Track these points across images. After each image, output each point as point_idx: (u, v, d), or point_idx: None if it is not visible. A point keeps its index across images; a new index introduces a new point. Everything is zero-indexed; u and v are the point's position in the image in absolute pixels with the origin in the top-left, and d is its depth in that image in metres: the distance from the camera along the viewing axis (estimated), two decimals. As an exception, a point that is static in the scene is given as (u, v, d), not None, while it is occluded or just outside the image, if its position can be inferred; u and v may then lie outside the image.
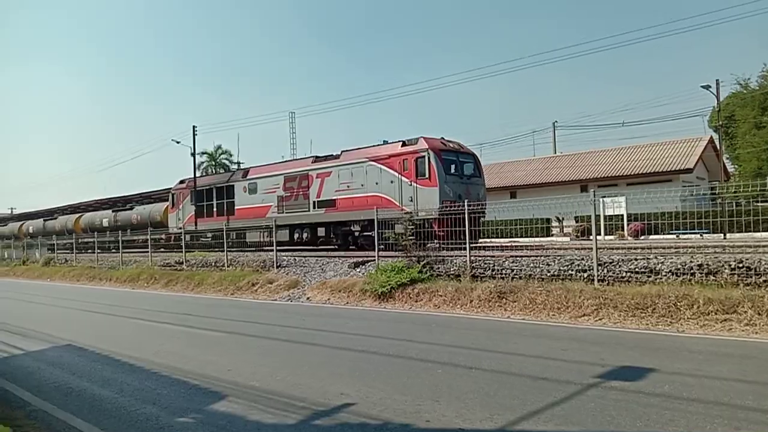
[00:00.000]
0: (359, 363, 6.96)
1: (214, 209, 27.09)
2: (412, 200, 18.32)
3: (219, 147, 57.46)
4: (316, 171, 22.08)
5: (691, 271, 9.70)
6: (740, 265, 9.26)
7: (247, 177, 25.51)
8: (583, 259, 11.37)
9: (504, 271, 12.02)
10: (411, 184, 18.49)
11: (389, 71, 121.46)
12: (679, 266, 9.90)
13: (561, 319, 9.69)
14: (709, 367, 5.95)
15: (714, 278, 9.41)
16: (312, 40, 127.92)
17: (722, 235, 14.66)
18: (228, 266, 19.87)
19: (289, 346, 8.58)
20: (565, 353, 7.00)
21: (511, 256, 12.75)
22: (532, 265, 11.83)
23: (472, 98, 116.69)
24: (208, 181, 28.86)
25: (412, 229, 14.16)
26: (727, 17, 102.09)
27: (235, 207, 25.74)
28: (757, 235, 11.82)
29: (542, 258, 12.05)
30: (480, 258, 12.97)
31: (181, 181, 30.64)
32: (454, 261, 13.21)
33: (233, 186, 26.16)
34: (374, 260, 14.91)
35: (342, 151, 21.76)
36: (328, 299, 13.73)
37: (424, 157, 18.37)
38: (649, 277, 10.19)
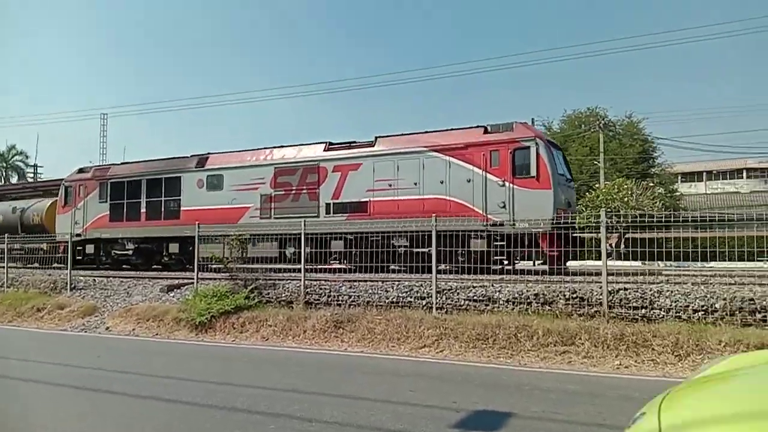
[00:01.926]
0: (172, 422, 5.56)
1: (143, 210, 19.38)
2: (504, 206, 14.01)
3: (13, 147, 49.98)
4: (334, 162, 16.26)
5: (528, 300, 9.78)
6: (574, 296, 9.52)
7: (206, 167, 18.48)
8: (422, 285, 11.03)
9: (341, 298, 11.26)
10: (504, 184, 14.14)
11: (222, 78, 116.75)
12: (516, 295, 9.95)
13: (401, 350, 9.16)
14: (565, 409, 5.66)
15: (550, 308, 9.56)
16: (139, 39, 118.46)
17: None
18: (8, 287, 16.58)
19: (75, 398, 6.78)
20: (414, 395, 6.33)
21: (347, 281, 12.03)
22: (370, 291, 11.23)
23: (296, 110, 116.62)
24: (132, 171, 20.29)
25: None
26: (528, 61, 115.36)
27: (183, 207, 18.50)
28: (589, 263, 12.52)
29: (380, 284, 11.50)
30: (315, 282, 12.06)
31: (81, 170, 21.84)
32: (287, 286, 12.15)
33: (179, 178, 18.84)
34: (192, 283, 13.20)
35: (376, 138, 16.36)
36: (133, 329, 11.79)
37: (527, 148, 14.09)
38: (487, 305, 10.11)
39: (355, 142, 16.67)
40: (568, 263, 13.25)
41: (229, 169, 17.99)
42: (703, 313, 8.67)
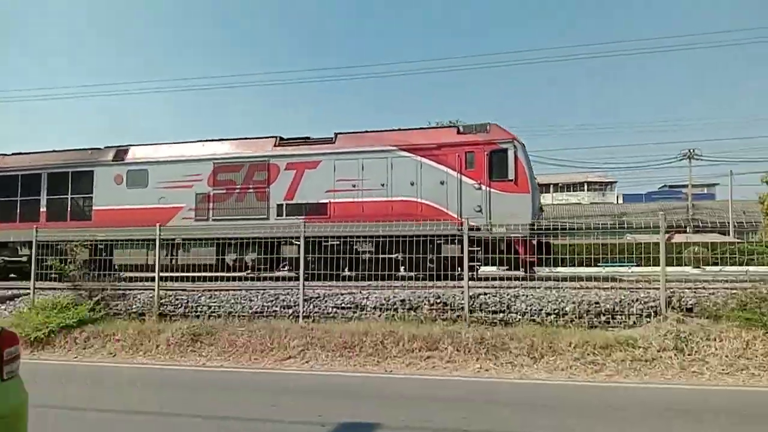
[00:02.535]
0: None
1: (42, 209, 16.56)
2: (481, 210, 13.59)
3: None
4: (287, 159, 14.91)
5: (395, 307, 9.84)
6: (438, 301, 9.71)
7: (126, 160, 16.13)
8: (288, 293, 10.69)
9: (200, 308, 10.58)
10: (480, 187, 13.73)
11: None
12: (383, 301, 9.97)
13: (265, 363, 8.77)
14: (431, 416, 5.67)
15: (415, 314, 9.68)
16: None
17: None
18: None
19: None
20: (276, 411, 6.00)
21: (208, 290, 11.37)
22: (232, 300, 10.69)
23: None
24: (29, 164, 17.18)
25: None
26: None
27: (96, 207, 16.08)
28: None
29: (244, 292, 10.99)
30: (171, 292, 11.24)
31: None
32: (138, 297, 11.19)
33: (91, 173, 16.34)
34: (29, 294, 11.71)
35: (336, 134, 15.27)
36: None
37: (505, 150, 13.80)
38: (355, 312, 10.04)
39: (309, 138, 15.45)
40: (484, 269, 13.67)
41: (157, 163, 15.72)
42: (555, 316, 9.27)
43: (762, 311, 8.21)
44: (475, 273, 12.60)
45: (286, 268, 13.95)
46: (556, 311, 9.31)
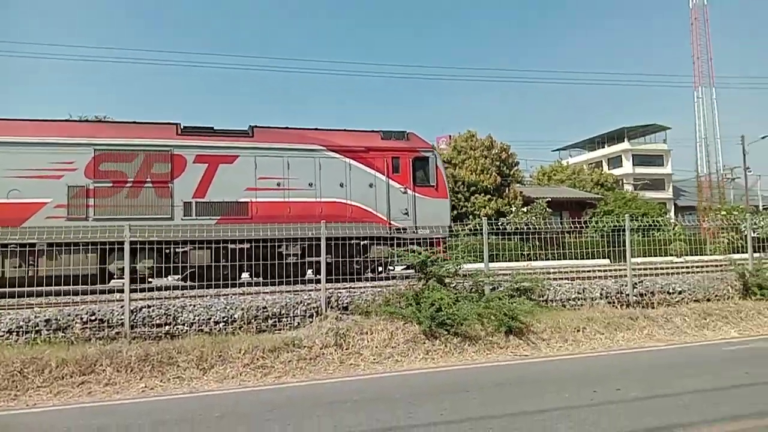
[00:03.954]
0: None
1: None
2: (407, 213, 14.44)
3: None
4: (197, 151, 13.34)
5: (37, 328, 8.40)
6: (93, 318, 8.68)
7: None
8: None
9: None
10: (406, 192, 14.55)
11: None
12: (21, 323, 8.42)
13: None
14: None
15: (64, 334, 8.44)
16: None
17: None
18: None
19: None
20: None
21: None
22: None
23: None
24: None
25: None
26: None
27: None
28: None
29: None
30: None
31: None
32: None
33: None
34: None
35: (252, 127, 14.14)
36: None
37: (427, 159, 14.90)
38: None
39: (213, 127, 13.78)
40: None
41: (6, 144, 12.26)
42: (224, 324, 9.22)
43: (401, 305, 9.68)
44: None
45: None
46: (225, 319, 9.29)
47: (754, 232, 18.55)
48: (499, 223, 13.88)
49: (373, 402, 6.55)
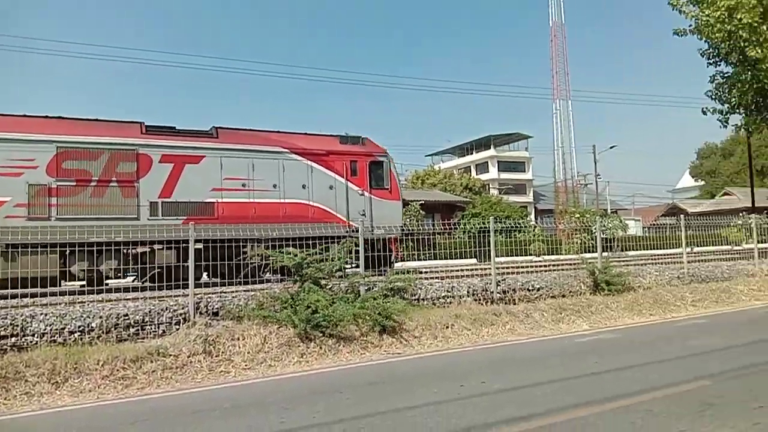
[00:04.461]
0: None
1: None
2: (365, 214, 15.01)
3: None
4: (163, 150, 13.04)
5: None
6: None
7: None
8: None
9: None
10: (363, 194, 15.32)
11: None
12: None
13: None
14: None
15: None
16: None
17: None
18: None
19: None
20: None
21: None
22: None
23: None
24: None
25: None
26: None
27: None
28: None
29: None
30: None
31: None
32: None
33: None
34: None
35: (216, 128, 14.12)
36: None
37: (382, 163, 15.92)
38: None
39: (175, 127, 13.81)
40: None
41: None
42: (80, 333, 8.55)
43: (275, 309, 9.52)
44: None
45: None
46: (82, 328, 8.59)
47: (603, 233, 20.41)
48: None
49: (243, 409, 6.37)
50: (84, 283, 11.97)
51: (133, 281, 12.13)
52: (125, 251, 12.65)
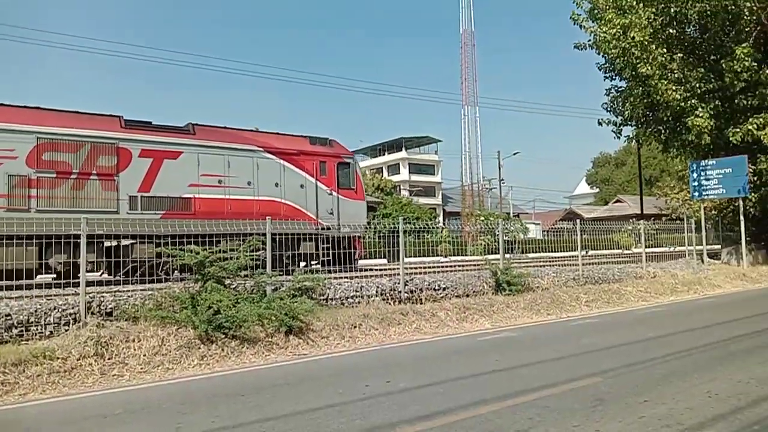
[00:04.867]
0: None
1: None
2: (332, 213, 15.96)
3: None
4: (142, 145, 13.20)
5: None
6: None
7: None
8: None
9: None
10: (331, 193, 16.11)
11: None
12: None
13: None
14: None
15: None
16: None
17: None
18: None
19: None
20: None
21: None
22: None
23: None
24: None
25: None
26: None
27: None
28: None
29: None
30: None
31: None
32: None
33: None
34: None
35: (192, 125, 14.44)
36: None
37: (349, 164, 16.89)
38: None
39: (151, 122, 13.97)
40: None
41: None
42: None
43: (174, 309, 9.10)
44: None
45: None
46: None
47: (505, 236, 21.20)
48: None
49: (136, 414, 6.01)
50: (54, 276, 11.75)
51: (101, 275, 12.60)
52: (101, 245, 12.51)
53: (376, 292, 12.21)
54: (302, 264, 15.19)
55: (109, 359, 7.96)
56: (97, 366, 7.76)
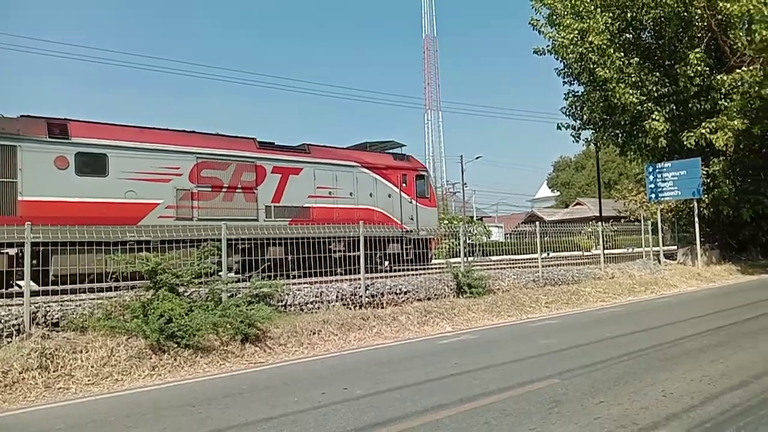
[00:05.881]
0: None
1: None
2: (413, 218, 18.55)
3: None
4: (273, 163, 15.81)
5: None
6: None
7: (72, 139, 12.55)
8: None
9: None
10: (411, 202, 18.72)
11: None
12: None
13: None
14: None
15: None
16: None
17: None
18: None
19: None
20: None
21: None
22: None
23: None
24: None
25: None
26: None
27: (22, 197, 11.86)
28: None
29: None
30: None
31: None
32: None
33: (13, 149, 11.83)
34: None
35: (307, 145, 17.18)
36: None
37: (424, 177, 19.67)
38: None
39: (274, 143, 16.40)
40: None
41: (121, 148, 13.18)
42: None
43: (125, 318, 8.78)
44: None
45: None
46: None
47: (468, 239, 21.35)
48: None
49: (78, 429, 5.73)
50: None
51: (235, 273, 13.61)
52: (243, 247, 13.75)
53: (337, 297, 12.04)
54: (386, 263, 17.40)
55: (54, 372, 7.62)
56: (41, 379, 7.42)
